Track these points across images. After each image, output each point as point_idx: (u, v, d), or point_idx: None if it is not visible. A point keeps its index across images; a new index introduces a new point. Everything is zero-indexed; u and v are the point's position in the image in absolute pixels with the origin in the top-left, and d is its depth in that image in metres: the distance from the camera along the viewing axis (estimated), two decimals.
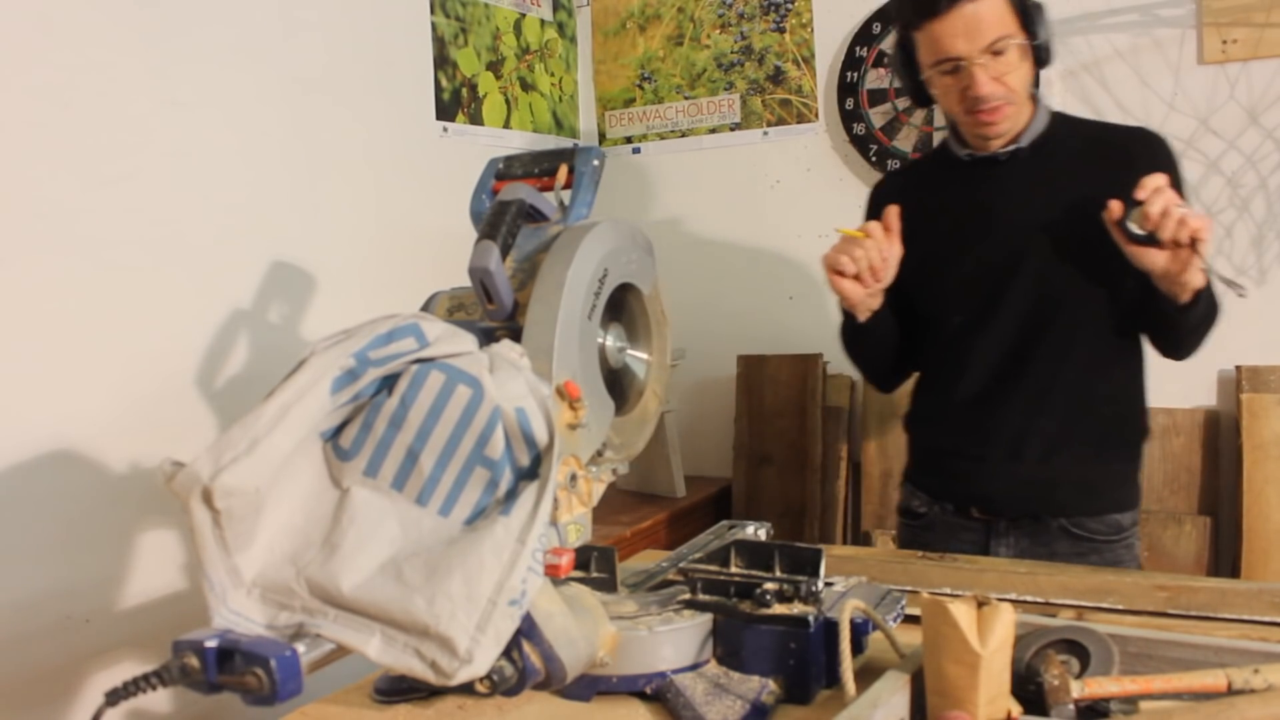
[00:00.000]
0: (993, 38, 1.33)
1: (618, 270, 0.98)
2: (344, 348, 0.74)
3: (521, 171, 1.07)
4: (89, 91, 1.66)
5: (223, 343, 1.87)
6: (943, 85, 1.40)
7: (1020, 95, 1.39)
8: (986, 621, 0.73)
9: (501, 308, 0.91)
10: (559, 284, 0.89)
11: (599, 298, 0.94)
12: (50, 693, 1.59)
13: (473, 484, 0.75)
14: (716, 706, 0.87)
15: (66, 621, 1.62)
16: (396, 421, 0.74)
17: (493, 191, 1.07)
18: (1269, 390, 2.12)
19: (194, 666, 0.65)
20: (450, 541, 0.72)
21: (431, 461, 0.74)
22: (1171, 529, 2.18)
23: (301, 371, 0.73)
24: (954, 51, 1.34)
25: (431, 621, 0.67)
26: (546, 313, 0.88)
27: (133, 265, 1.71)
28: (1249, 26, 2.10)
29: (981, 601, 0.74)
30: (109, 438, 1.68)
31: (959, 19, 1.32)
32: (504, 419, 0.75)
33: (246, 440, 0.69)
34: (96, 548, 1.66)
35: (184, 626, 1.89)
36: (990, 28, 1.32)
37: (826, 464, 2.51)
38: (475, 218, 1.05)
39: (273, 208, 1.96)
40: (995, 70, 1.35)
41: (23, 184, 1.57)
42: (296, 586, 0.69)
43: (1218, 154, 2.16)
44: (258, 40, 1.94)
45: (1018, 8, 1.35)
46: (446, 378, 0.75)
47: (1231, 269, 2.17)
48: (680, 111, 2.75)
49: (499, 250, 0.91)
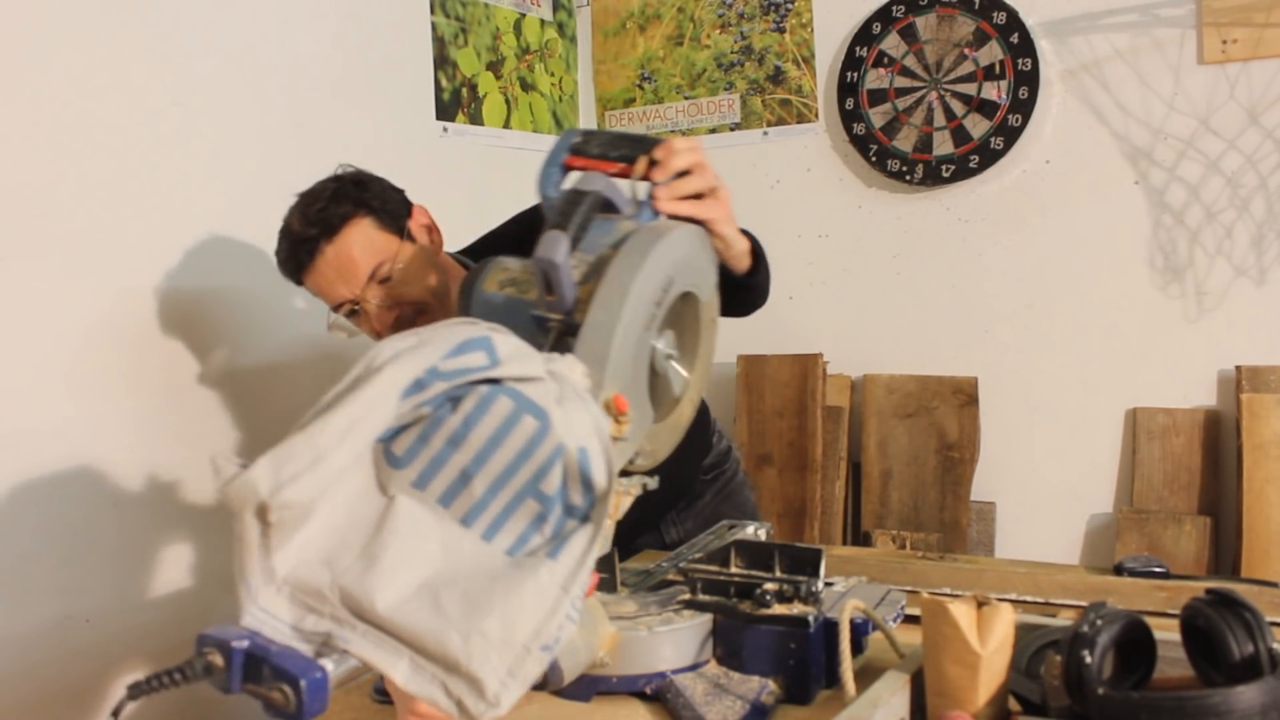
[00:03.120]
0: (369, 269, 1.24)
1: (683, 279, 0.93)
2: (417, 359, 0.71)
3: (598, 151, 1.02)
4: (89, 91, 1.66)
5: (223, 342, 1.87)
6: (356, 323, 1.31)
7: (435, 298, 1.29)
8: (986, 621, 0.73)
9: (561, 301, 0.87)
10: (624, 291, 0.85)
11: (660, 308, 0.89)
12: (50, 692, 1.59)
13: (521, 514, 0.73)
14: (716, 707, 0.87)
15: (66, 621, 1.62)
16: (456, 441, 0.71)
17: (564, 166, 1.02)
18: (1269, 390, 2.12)
19: (218, 666, 0.64)
20: (491, 574, 0.70)
21: (484, 486, 0.72)
22: (1171, 529, 2.18)
23: (372, 382, 0.69)
24: (340, 296, 1.26)
25: (464, 659, 0.65)
26: (607, 320, 0.84)
27: (133, 265, 1.71)
28: (1249, 26, 2.10)
29: (981, 601, 0.74)
30: (109, 437, 1.68)
31: (327, 266, 1.24)
32: (565, 456, 0.72)
33: (310, 454, 0.66)
34: (96, 548, 1.66)
35: (184, 626, 1.89)
36: (362, 261, 1.24)
37: (826, 464, 2.51)
38: (542, 186, 1.00)
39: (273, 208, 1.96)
40: (391, 296, 1.26)
41: (23, 184, 1.57)
42: (329, 593, 0.67)
43: (1218, 154, 2.16)
44: (258, 40, 1.94)
45: (384, 222, 1.27)
46: (515, 406, 0.72)
47: (1232, 269, 2.18)
48: (680, 111, 2.75)
49: (569, 243, 0.87)
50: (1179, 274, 2.23)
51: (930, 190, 2.46)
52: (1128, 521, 2.23)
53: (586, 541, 0.73)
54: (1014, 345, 2.40)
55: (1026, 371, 2.39)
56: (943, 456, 2.43)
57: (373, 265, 1.24)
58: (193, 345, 1.82)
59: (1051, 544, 2.37)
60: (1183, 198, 2.20)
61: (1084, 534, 2.35)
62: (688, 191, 0.98)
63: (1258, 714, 0.62)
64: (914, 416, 2.46)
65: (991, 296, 2.41)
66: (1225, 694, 0.63)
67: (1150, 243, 2.25)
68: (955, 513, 2.40)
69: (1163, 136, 2.21)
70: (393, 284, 1.26)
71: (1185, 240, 2.21)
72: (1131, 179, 2.25)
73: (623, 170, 1.00)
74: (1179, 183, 2.20)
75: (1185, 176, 2.20)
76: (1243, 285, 2.17)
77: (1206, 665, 0.69)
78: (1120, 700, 0.66)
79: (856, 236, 2.54)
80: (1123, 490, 2.31)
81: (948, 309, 2.45)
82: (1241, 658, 0.65)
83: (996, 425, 2.41)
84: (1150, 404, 2.27)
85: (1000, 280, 2.40)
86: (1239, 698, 0.62)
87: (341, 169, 1.33)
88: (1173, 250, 2.23)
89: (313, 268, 1.25)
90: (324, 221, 1.24)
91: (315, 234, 1.24)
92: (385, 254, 1.25)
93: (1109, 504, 2.33)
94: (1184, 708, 0.63)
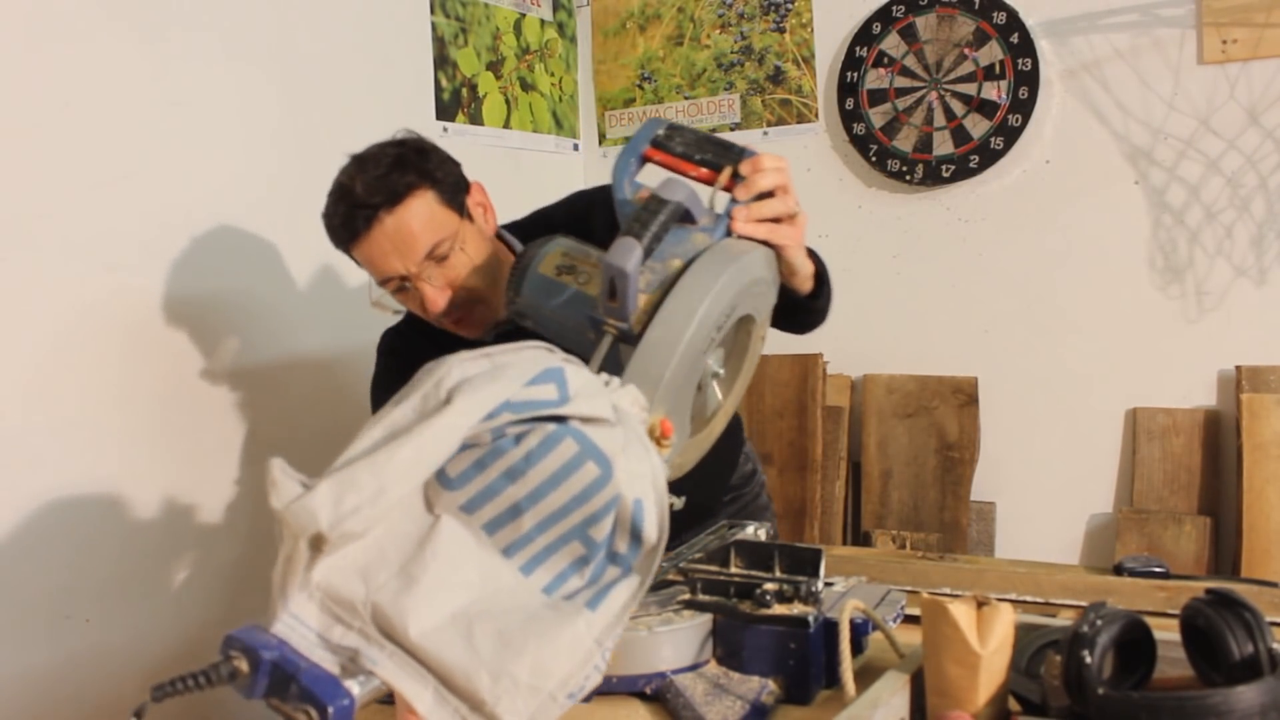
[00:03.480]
0: (428, 246, 1.17)
1: (745, 304, 0.91)
2: (492, 392, 0.69)
3: (681, 150, 0.97)
4: (89, 91, 1.66)
5: (223, 341, 1.87)
6: (402, 300, 1.25)
7: (486, 285, 1.23)
8: (986, 621, 0.73)
9: (623, 310, 0.84)
10: (690, 315, 0.82)
11: (720, 332, 0.87)
12: (50, 692, 1.59)
13: (564, 554, 0.72)
14: (716, 707, 0.87)
15: (66, 622, 1.62)
16: (513, 474, 0.70)
17: (643, 157, 0.98)
18: (1269, 390, 2.11)
19: (243, 671, 0.62)
20: (527, 613, 0.69)
21: (533, 522, 0.70)
22: (1171, 529, 2.18)
23: (444, 414, 0.67)
24: (393, 271, 1.18)
25: (490, 700, 0.64)
26: (668, 340, 0.81)
27: (132, 265, 1.71)
28: (1249, 26, 2.10)
29: (981, 601, 0.74)
30: (109, 437, 1.68)
31: (384, 237, 1.16)
32: (620, 505, 0.71)
33: (374, 487, 0.64)
34: (96, 548, 1.66)
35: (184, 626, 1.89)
36: (422, 236, 1.16)
37: (826, 464, 2.51)
38: (618, 174, 0.96)
39: (273, 208, 1.96)
40: (445, 277, 1.19)
41: (23, 184, 1.57)
42: (361, 608, 0.65)
43: (1218, 154, 2.16)
44: (258, 40, 1.94)
45: (446, 197, 1.20)
46: (579, 450, 0.70)
47: (1232, 269, 2.18)
48: (680, 111, 2.75)
49: (642, 253, 0.83)
50: (1179, 274, 2.23)
51: (930, 190, 2.46)
52: (1128, 521, 2.23)
53: (628, 596, 0.72)
54: (1014, 345, 2.40)
55: (1026, 371, 2.39)
56: (943, 456, 2.43)
57: (432, 242, 1.17)
58: (193, 344, 1.82)
59: (1051, 544, 2.37)
60: (1183, 198, 2.20)
61: (1084, 534, 2.35)
62: (767, 215, 0.94)
63: (1257, 714, 0.62)
64: (914, 416, 2.46)
65: (991, 296, 2.41)
66: (1225, 694, 0.63)
67: (1150, 243, 2.25)
68: (955, 513, 2.40)
69: (1163, 136, 2.21)
70: (449, 264, 1.19)
71: (1185, 240, 2.21)
72: (1131, 179, 2.25)
73: (703, 176, 0.96)
74: (1179, 183, 2.20)
75: (1185, 176, 2.20)
76: (1243, 285, 2.17)
77: (1206, 665, 0.69)
78: (1120, 700, 0.66)
79: (856, 236, 2.54)
80: (1123, 490, 2.31)
81: (948, 309, 2.45)
82: (1241, 658, 0.65)
83: (996, 425, 2.41)
84: (1150, 404, 2.27)
85: (1000, 280, 2.40)
86: (1239, 698, 0.62)
87: (404, 133, 1.25)
88: (1173, 250, 2.23)
89: (368, 237, 1.17)
90: (388, 189, 1.16)
91: (377, 202, 1.15)
92: (445, 231, 1.18)
93: (1109, 504, 2.33)
94: (1184, 708, 0.63)
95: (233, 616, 1.84)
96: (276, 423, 1.96)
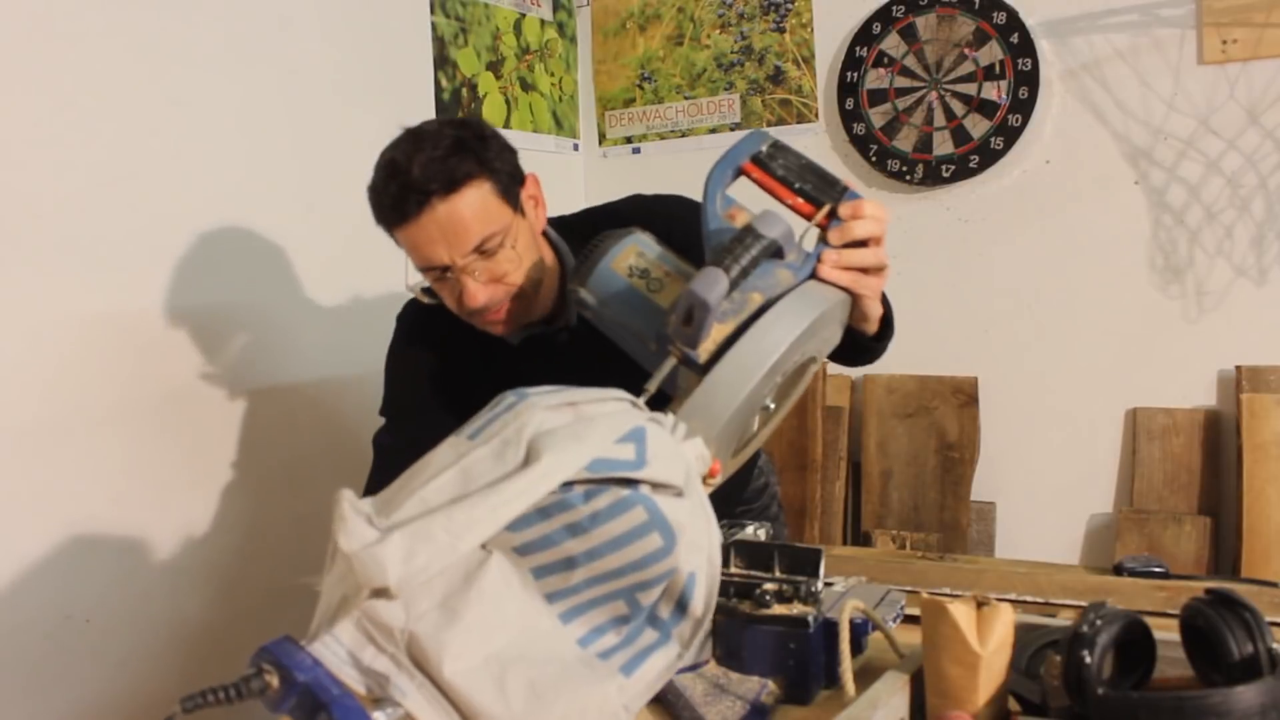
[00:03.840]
0: (479, 239, 1.12)
1: (812, 348, 0.89)
2: (578, 454, 0.68)
3: (781, 173, 0.94)
4: (89, 91, 1.66)
5: (224, 342, 1.87)
6: (438, 288, 1.19)
7: (530, 284, 1.19)
8: (986, 621, 0.73)
9: (694, 338, 0.82)
10: (761, 363, 0.80)
11: (784, 377, 0.86)
12: (50, 692, 1.59)
13: (605, 610, 0.72)
14: (716, 707, 0.87)
15: (66, 622, 1.62)
16: (575, 530, 0.69)
17: (741, 170, 0.95)
18: (1269, 390, 2.11)
19: (273, 687, 0.62)
20: (562, 665, 0.69)
21: (584, 576, 0.70)
22: (1171, 529, 2.18)
23: (527, 475, 0.66)
24: (436, 260, 1.13)
25: None
26: (735, 384, 0.80)
27: (132, 265, 1.71)
28: (1249, 26, 2.10)
29: (981, 601, 0.74)
30: (110, 437, 1.68)
31: (433, 224, 1.10)
32: (674, 577, 0.71)
33: (447, 543, 0.64)
34: (96, 548, 1.66)
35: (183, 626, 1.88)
36: (474, 228, 1.11)
37: (826, 464, 2.51)
38: (711, 183, 0.94)
39: (273, 208, 1.96)
40: (490, 272, 1.15)
41: (23, 184, 1.57)
42: (398, 635, 0.65)
43: (1218, 154, 2.16)
44: (257, 40, 1.94)
45: (502, 189, 1.14)
46: (647, 520, 0.69)
47: (1232, 269, 2.18)
48: (680, 111, 2.75)
49: (727, 286, 0.81)
50: (1179, 274, 2.23)
51: (930, 190, 2.46)
52: (1128, 521, 2.23)
53: (664, 666, 0.72)
54: (1014, 345, 2.40)
55: (1026, 371, 2.39)
56: (943, 456, 2.43)
57: (482, 235, 1.12)
58: (194, 345, 1.82)
59: (1051, 544, 2.37)
60: (1183, 198, 2.20)
61: (1084, 534, 2.35)
62: (856, 264, 0.91)
63: (1257, 714, 0.62)
64: (914, 416, 2.46)
65: (991, 296, 2.41)
66: (1224, 694, 0.63)
67: (1150, 243, 2.25)
68: (955, 513, 2.40)
69: (1163, 136, 2.21)
70: (496, 260, 1.14)
71: (1185, 240, 2.21)
72: (1131, 179, 2.25)
73: (798, 206, 0.94)
74: (1179, 183, 2.20)
75: (1185, 176, 2.20)
76: (1243, 285, 2.17)
77: (1206, 665, 0.69)
78: (1120, 700, 0.66)
79: None
80: (1123, 490, 2.31)
81: (948, 309, 2.45)
82: (1241, 658, 0.65)
83: (996, 425, 2.41)
84: (1150, 404, 2.27)
85: (1000, 280, 2.40)
86: (1238, 698, 0.62)
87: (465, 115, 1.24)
88: (1173, 250, 2.23)
89: (417, 222, 1.11)
90: (445, 175, 1.10)
91: (433, 188, 1.09)
92: (497, 225, 1.13)
93: (1109, 504, 2.33)
94: (1183, 708, 0.63)
95: (233, 616, 1.84)
96: (277, 423, 1.97)
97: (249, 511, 1.91)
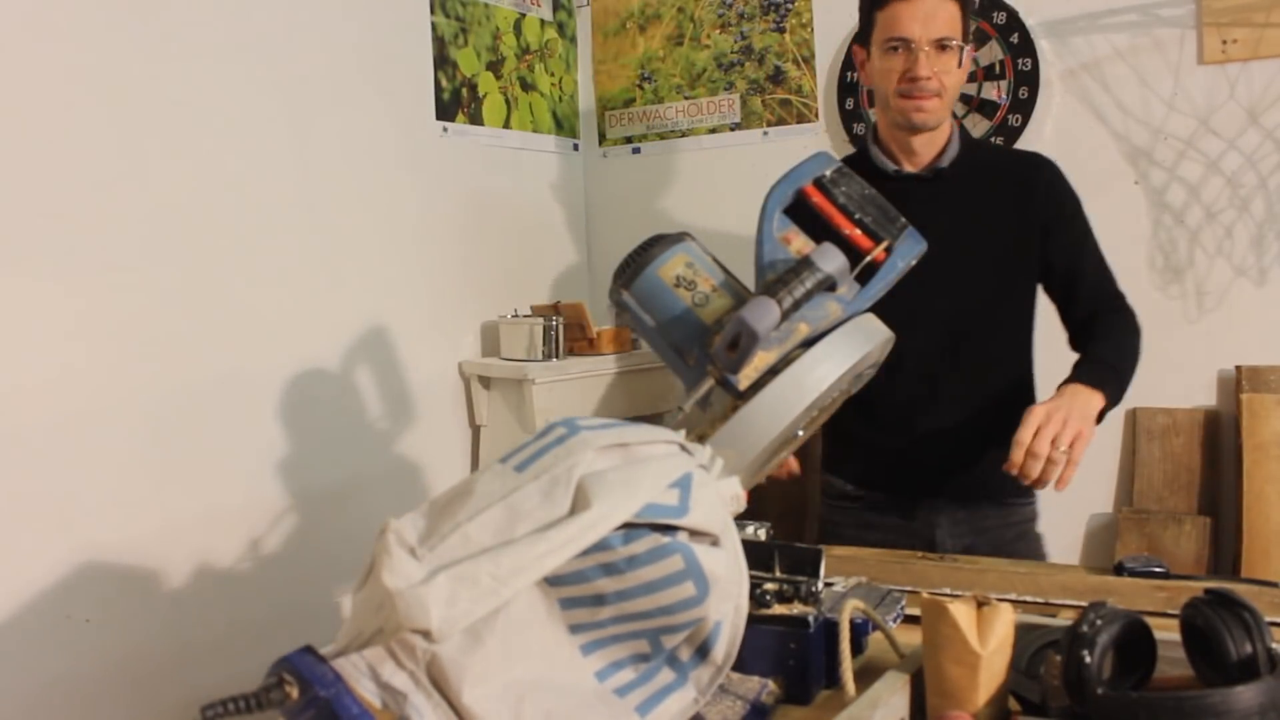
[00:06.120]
0: (944, 33, 1.47)
1: (851, 382, 0.89)
2: (628, 503, 0.68)
3: (842, 200, 0.94)
4: (89, 91, 1.66)
5: (222, 341, 1.87)
6: (885, 65, 1.51)
7: (949, 96, 1.52)
8: (986, 621, 0.73)
9: (737, 364, 0.83)
10: (802, 399, 0.81)
11: (822, 412, 0.86)
12: (50, 693, 1.59)
13: (627, 646, 0.72)
14: (716, 706, 0.87)
15: (66, 621, 1.62)
16: (610, 570, 0.69)
17: (802, 192, 0.95)
18: (1269, 390, 2.11)
19: (292, 699, 0.62)
20: (579, 699, 0.69)
21: (611, 613, 0.70)
22: (1171, 529, 2.18)
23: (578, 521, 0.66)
24: (907, 33, 1.47)
25: None
26: (774, 417, 0.80)
27: (132, 264, 1.72)
28: (1249, 26, 2.10)
29: (981, 601, 0.74)
30: (109, 436, 1.68)
31: (920, 6, 1.46)
32: (701, 625, 0.72)
33: (492, 590, 0.63)
34: (96, 548, 1.66)
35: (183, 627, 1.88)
36: (944, 24, 1.47)
37: None
38: (771, 202, 0.93)
39: (273, 208, 1.96)
40: (937, 64, 1.48)
41: (23, 184, 1.57)
42: (420, 653, 0.65)
43: (1218, 154, 2.16)
44: (258, 40, 1.94)
45: (967, 25, 1.50)
46: (684, 567, 0.70)
47: (1232, 269, 2.18)
48: (680, 111, 2.75)
49: (778, 318, 0.81)
50: (1179, 274, 2.23)
51: None
52: (1128, 521, 2.23)
53: (679, 710, 0.72)
54: None
55: None
56: None
57: (947, 33, 1.47)
58: (194, 345, 1.82)
59: (1051, 544, 2.36)
60: (1183, 198, 2.20)
61: (1084, 534, 2.35)
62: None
63: (1256, 714, 0.62)
64: None
65: None
66: (1224, 694, 0.63)
67: (1150, 243, 2.24)
68: None
69: (1163, 136, 2.21)
70: (944, 59, 1.48)
71: (1185, 240, 2.21)
72: (1131, 179, 2.25)
73: (855, 237, 0.93)
74: (1179, 183, 2.20)
75: (1185, 176, 2.19)
76: (1243, 285, 2.17)
77: (1206, 665, 0.69)
78: (1120, 700, 0.66)
79: None
80: (1123, 490, 2.31)
81: None
82: (1240, 658, 0.66)
83: None
84: (1150, 404, 2.27)
85: None
86: (1238, 698, 0.62)
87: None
88: (1173, 250, 2.23)
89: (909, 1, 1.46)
90: None
91: None
92: (957, 37, 1.48)
93: (1109, 504, 2.33)
94: (1183, 708, 0.63)
95: (233, 617, 1.84)
96: (277, 422, 1.97)
97: (249, 512, 1.91)
